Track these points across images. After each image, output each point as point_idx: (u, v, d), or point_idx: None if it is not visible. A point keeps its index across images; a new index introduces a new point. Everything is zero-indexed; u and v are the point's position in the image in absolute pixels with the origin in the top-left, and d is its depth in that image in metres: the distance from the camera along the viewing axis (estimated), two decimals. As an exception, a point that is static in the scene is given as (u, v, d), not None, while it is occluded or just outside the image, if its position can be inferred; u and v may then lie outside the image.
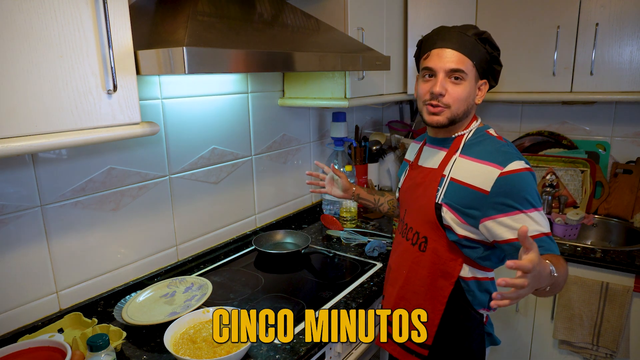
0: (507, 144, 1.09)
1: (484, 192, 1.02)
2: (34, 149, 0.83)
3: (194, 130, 1.55)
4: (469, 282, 1.13)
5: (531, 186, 1.01)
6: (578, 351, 1.81)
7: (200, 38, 1.00)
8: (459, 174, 1.08)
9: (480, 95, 1.13)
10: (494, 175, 1.01)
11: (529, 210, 1.00)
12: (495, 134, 1.12)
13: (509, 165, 1.01)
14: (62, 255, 1.23)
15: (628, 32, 1.84)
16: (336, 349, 1.28)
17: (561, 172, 2.22)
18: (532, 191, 1.01)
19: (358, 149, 2.24)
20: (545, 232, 1.00)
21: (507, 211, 1.00)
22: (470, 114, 1.14)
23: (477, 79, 1.10)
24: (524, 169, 1.02)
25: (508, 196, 1.00)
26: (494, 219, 1.02)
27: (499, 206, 1.01)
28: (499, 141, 1.09)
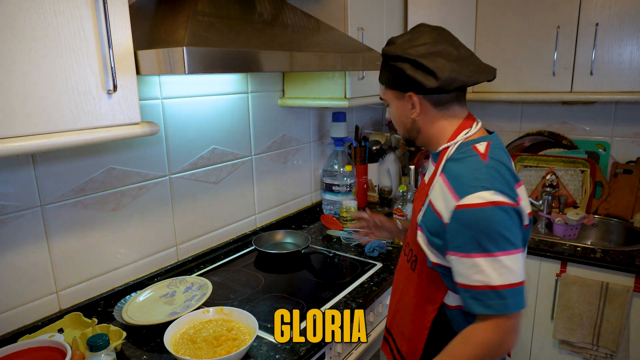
0: (485, 167, 0.90)
1: (444, 224, 0.91)
2: (34, 149, 0.83)
3: (194, 130, 1.55)
4: (453, 310, 0.99)
5: (494, 225, 0.85)
6: (578, 351, 1.81)
7: (200, 38, 1.00)
8: (434, 195, 0.96)
9: (414, 110, 0.99)
10: (451, 207, 0.89)
11: (482, 254, 0.85)
12: (482, 150, 0.93)
13: (467, 198, 0.86)
14: (62, 255, 1.23)
15: (628, 32, 1.84)
16: (336, 349, 1.28)
17: (561, 172, 2.22)
18: (493, 232, 0.85)
19: (358, 149, 2.25)
20: (490, 285, 0.85)
21: (457, 251, 0.89)
22: (432, 127, 1.01)
23: (400, 96, 1.01)
24: (487, 204, 0.85)
25: (459, 234, 0.88)
26: (451, 255, 0.91)
27: (451, 243, 0.90)
28: (477, 161, 0.91)
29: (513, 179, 0.92)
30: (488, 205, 0.85)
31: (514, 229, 0.87)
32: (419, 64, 0.94)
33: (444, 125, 1.00)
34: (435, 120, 1.00)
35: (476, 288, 0.87)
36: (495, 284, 0.85)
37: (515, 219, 0.88)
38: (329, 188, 2.09)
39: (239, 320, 1.18)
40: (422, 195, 1.04)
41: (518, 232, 0.88)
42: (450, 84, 0.93)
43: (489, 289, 0.85)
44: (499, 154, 0.94)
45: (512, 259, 0.86)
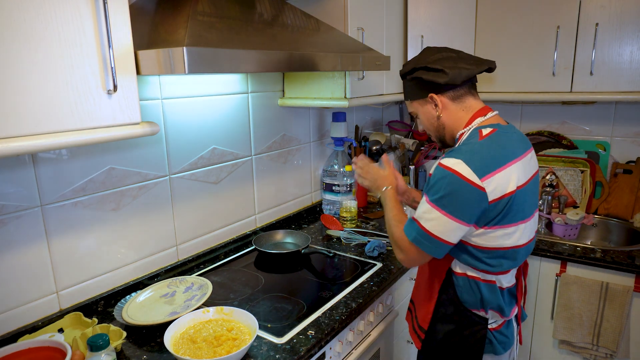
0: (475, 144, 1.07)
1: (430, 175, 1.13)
2: (34, 149, 0.83)
3: (194, 130, 1.55)
4: (459, 277, 1.16)
5: (437, 178, 1.05)
6: (578, 351, 1.81)
7: (200, 38, 1.00)
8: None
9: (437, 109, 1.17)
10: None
11: (425, 197, 1.09)
12: (484, 132, 1.09)
13: (444, 159, 1.07)
14: (62, 255, 1.23)
15: (628, 32, 1.84)
16: (336, 348, 1.29)
17: (561, 172, 2.22)
18: (434, 183, 1.06)
19: (358, 149, 2.25)
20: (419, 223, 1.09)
21: (425, 191, 1.11)
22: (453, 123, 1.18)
23: (423, 103, 1.20)
24: (447, 168, 1.04)
25: (431, 182, 1.09)
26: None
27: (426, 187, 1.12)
28: (472, 140, 1.09)
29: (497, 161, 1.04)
30: (447, 169, 1.03)
31: (454, 198, 1.03)
32: (429, 67, 1.14)
33: (462, 117, 1.17)
34: (455, 113, 1.17)
35: (412, 217, 1.13)
36: (417, 220, 1.09)
37: (464, 192, 1.02)
38: (329, 188, 2.10)
39: (239, 320, 1.18)
40: None
41: (457, 201, 1.03)
42: (458, 75, 1.11)
43: (414, 220, 1.11)
44: (499, 138, 1.08)
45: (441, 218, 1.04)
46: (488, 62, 1.16)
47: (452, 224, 1.04)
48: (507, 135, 1.11)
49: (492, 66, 1.16)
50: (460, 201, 1.02)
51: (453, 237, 1.06)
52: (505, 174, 1.03)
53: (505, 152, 1.06)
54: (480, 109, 1.16)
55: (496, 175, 1.02)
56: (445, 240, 1.06)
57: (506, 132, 1.12)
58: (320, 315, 1.28)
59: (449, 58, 1.14)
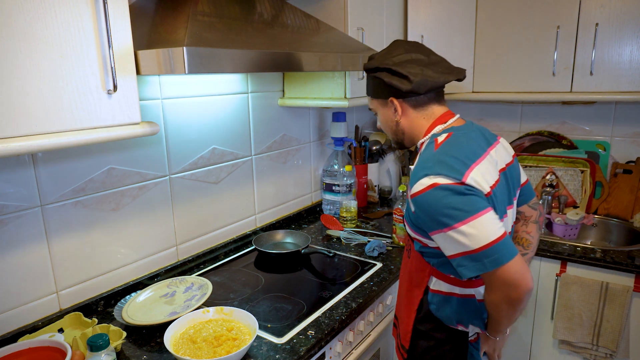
0: (432, 155, 0.99)
1: (413, 212, 1.02)
2: (34, 149, 0.83)
3: (194, 130, 1.55)
4: (435, 294, 1.10)
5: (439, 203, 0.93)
6: (578, 351, 1.81)
7: (200, 38, 1.00)
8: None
9: (397, 112, 1.11)
10: (410, 197, 1.01)
11: (445, 229, 0.94)
12: (440, 141, 1.03)
13: (414, 187, 0.97)
14: (62, 255, 1.23)
15: (628, 32, 1.84)
16: (336, 349, 1.29)
17: (561, 172, 2.22)
18: (442, 208, 0.93)
19: (358, 149, 2.25)
20: (463, 252, 0.93)
21: (431, 230, 0.98)
22: (410, 128, 1.12)
23: (384, 103, 1.13)
24: (427, 187, 0.94)
25: (421, 219, 0.99)
26: (433, 234, 0.99)
27: (423, 226, 1.00)
28: (429, 152, 1.02)
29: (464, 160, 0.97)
30: (427, 189, 0.95)
31: (463, 200, 0.93)
32: (394, 71, 1.06)
33: (422, 124, 1.11)
34: (414, 121, 1.12)
35: (458, 256, 0.95)
36: (472, 249, 0.92)
37: (461, 192, 0.93)
38: (329, 188, 2.09)
39: (239, 320, 1.18)
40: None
41: (469, 201, 0.93)
42: (423, 85, 1.05)
43: (471, 253, 0.93)
44: (457, 140, 1.02)
45: (474, 225, 0.92)
46: (458, 71, 1.08)
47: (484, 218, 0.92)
48: (465, 136, 1.04)
49: (461, 77, 1.08)
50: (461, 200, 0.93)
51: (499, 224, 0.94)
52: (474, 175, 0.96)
53: (466, 148, 1.00)
54: (441, 115, 1.10)
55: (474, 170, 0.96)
56: (501, 235, 0.92)
57: (463, 132, 1.05)
58: (320, 315, 1.28)
59: (417, 61, 1.06)
